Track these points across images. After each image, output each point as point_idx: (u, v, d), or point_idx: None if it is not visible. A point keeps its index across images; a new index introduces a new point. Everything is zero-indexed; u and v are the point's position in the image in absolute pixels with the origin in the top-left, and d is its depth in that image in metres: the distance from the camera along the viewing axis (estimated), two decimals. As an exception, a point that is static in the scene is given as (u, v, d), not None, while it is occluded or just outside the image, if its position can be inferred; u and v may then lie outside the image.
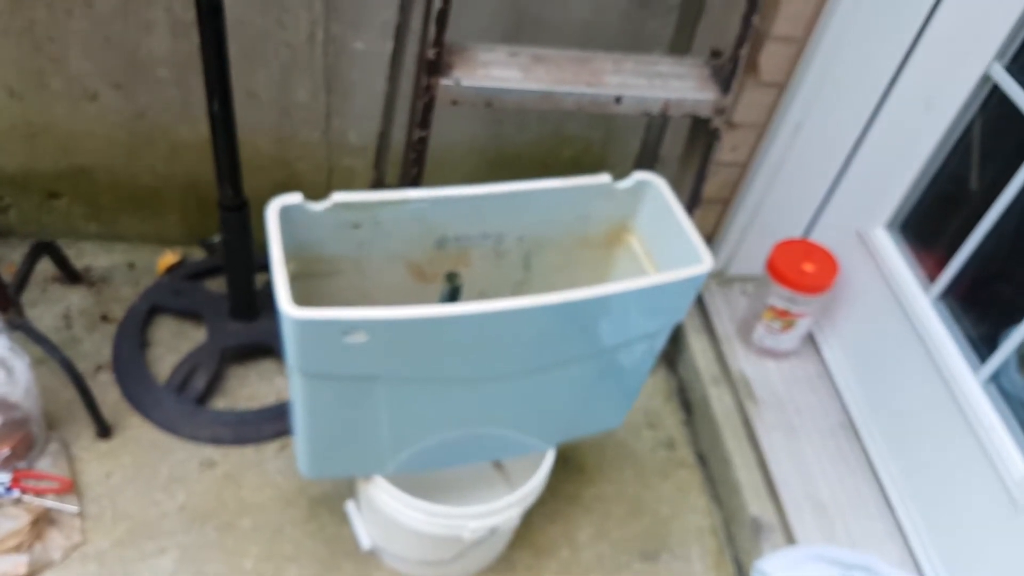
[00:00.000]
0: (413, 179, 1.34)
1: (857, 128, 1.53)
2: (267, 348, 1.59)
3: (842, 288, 1.63)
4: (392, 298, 1.19)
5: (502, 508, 1.21)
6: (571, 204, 1.16)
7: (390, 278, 1.17)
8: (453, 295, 1.10)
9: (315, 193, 1.53)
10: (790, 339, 1.64)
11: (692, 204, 1.49)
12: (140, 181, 1.64)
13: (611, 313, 1.05)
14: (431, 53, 1.20)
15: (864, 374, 1.59)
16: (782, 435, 1.55)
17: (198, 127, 1.56)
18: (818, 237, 1.68)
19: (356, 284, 1.15)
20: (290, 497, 1.42)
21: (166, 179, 1.64)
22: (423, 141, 1.30)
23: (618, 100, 1.30)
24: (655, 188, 1.16)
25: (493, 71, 1.27)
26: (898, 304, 1.48)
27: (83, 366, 1.51)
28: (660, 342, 1.19)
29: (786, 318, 1.59)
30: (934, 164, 1.49)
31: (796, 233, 1.71)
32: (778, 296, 1.57)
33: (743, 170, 1.64)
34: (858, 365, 1.61)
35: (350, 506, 1.35)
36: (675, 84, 1.33)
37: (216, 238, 1.43)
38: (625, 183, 1.16)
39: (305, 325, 0.92)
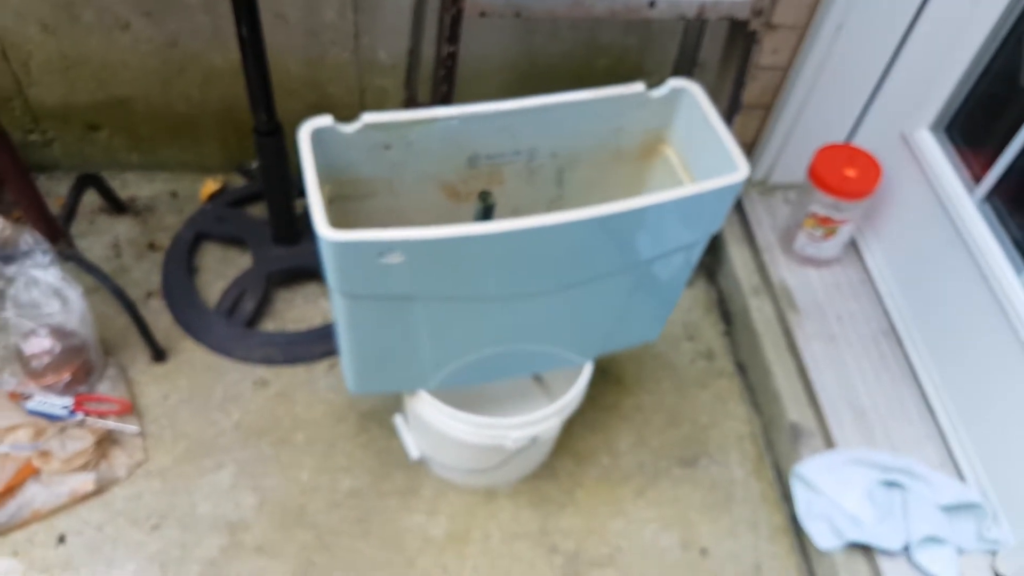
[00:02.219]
0: (444, 96, 1.33)
1: (902, 26, 1.46)
2: (311, 271, 1.62)
3: (885, 192, 1.59)
4: (427, 218, 1.20)
5: (542, 418, 1.24)
6: (604, 116, 1.15)
7: (424, 198, 1.17)
8: (487, 214, 1.11)
9: (348, 115, 1.53)
10: (832, 246, 1.62)
11: (732, 110, 1.46)
12: (176, 110, 1.66)
13: (647, 225, 1.05)
14: (457, -36, 1.17)
15: (907, 279, 1.57)
16: (823, 343, 1.55)
17: (229, 53, 1.56)
18: (861, 141, 1.64)
19: (391, 205, 1.16)
20: (341, 412, 1.48)
21: (202, 107, 1.65)
22: (452, 56, 1.28)
23: (652, 4, 1.26)
24: (690, 95, 1.14)
25: (521, -20, 1.24)
26: (942, 207, 1.44)
27: (134, 293, 1.57)
28: (697, 253, 1.18)
29: (828, 225, 1.56)
30: (981, 61, 1.42)
31: (839, 137, 1.67)
32: (820, 203, 1.54)
33: (784, 74, 1.58)
34: (901, 270, 1.59)
35: (398, 419, 1.41)
36: (710, -15, 1.28)
37: (253, 164, 1.45)
38: (659, 91, 1.14)
39: (342, 247, 0.93)
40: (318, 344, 1.54)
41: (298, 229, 1.59)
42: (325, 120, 1.04)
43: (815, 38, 1.48)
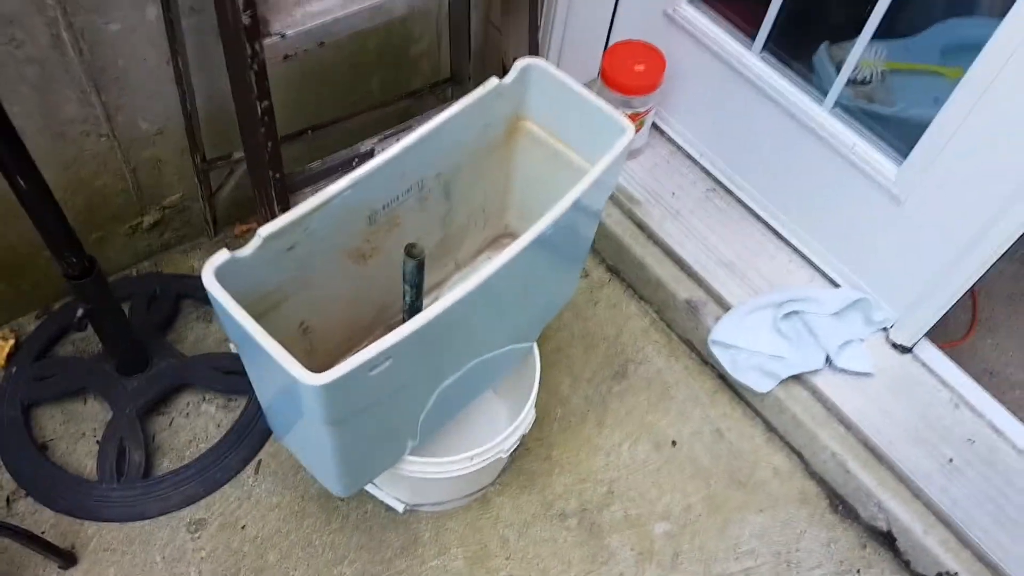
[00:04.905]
0: (271, 153, 1.19)
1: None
2: (176, 387, 1.43)
3: (670, 71, 1.69)
4: (338, 292, 1.11)
5: (525, 415, 1.25)
6: (473, 119, 1.10)
7: (333, 275, 1.07)
8: (418, 269, 1.03)
9: (125, 201, 1.35)
10: (641, 137, 1.72)
11: (533, 48, 1.46)
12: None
13: (574, 217, 1.05)
14: (246, 19, 1.02)
15: (713, 137, 1.71)
16: (671, 220, 1.68)
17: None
18: (630, 29, 1.70)
19: (304, 298, 1.05)
20: (296, 508, 1.36)
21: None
22: (269, 111, 1.14)
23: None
24: (539, 69, 1.12)
25: (310, 7, 1.11)
26: (728, 67, 1.57)
27: (-10, 510, 1.29)
28: (603, 210, 1.22)
29: (634, 121, 1.65)
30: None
31: (604, 29, 1.72)
32: (619, 103, 1.61)
33: (546, -8, 1.59)
34: (705, 132, 1.72)
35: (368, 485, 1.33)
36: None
37: (79, 312, 1.20)
38: (511, 77, 1.11)
39: (335, 386, 0.84)
40: (229, 455, 1.38)
41: (145, 351, 1.38)
42: (221, 256, 0.90)
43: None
